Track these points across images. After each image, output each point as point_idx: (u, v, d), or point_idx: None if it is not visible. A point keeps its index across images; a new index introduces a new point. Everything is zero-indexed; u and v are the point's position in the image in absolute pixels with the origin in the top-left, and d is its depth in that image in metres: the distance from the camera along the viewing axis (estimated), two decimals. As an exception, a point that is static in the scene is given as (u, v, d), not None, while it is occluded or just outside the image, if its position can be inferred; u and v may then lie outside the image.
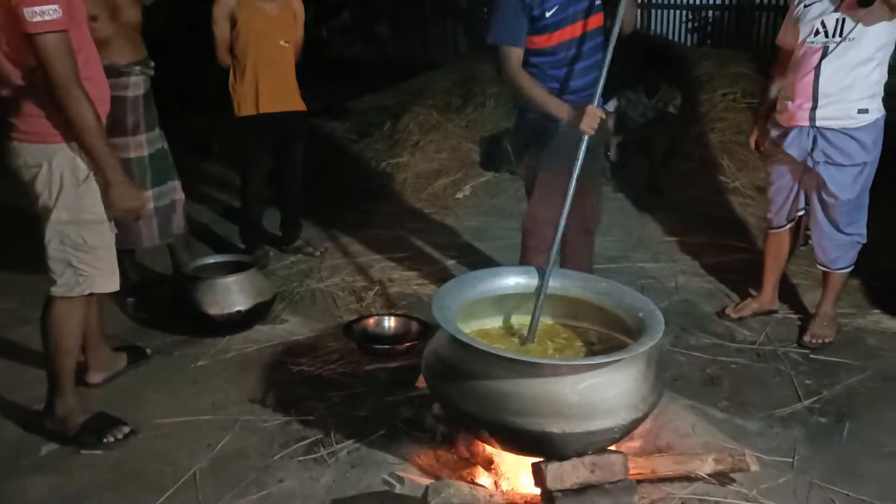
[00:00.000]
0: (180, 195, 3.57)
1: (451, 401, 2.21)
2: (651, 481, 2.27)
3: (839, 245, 3.09)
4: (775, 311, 3.51)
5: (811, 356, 3.15)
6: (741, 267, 4.01)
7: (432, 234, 4.59)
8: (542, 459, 2.14)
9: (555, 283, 2.55)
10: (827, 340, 3.21)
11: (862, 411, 2.76)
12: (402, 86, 7.04)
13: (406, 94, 6.77)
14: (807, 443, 2.57)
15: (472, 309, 2.50)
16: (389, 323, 3.31)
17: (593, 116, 2.59)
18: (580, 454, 2.13)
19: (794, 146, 3.01)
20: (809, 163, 3.00)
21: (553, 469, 2.11)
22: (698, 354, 3.15)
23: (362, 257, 4.22)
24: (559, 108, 2.75)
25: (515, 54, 2.80)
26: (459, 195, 5.30)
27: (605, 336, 2.49)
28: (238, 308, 3.26)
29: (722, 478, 2.23)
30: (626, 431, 2.16)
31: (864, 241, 3.09)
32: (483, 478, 2.37)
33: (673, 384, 2.86)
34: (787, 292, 3.62)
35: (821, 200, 3.05)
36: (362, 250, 4.31)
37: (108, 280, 2.61)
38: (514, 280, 2.58)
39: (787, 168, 3.14)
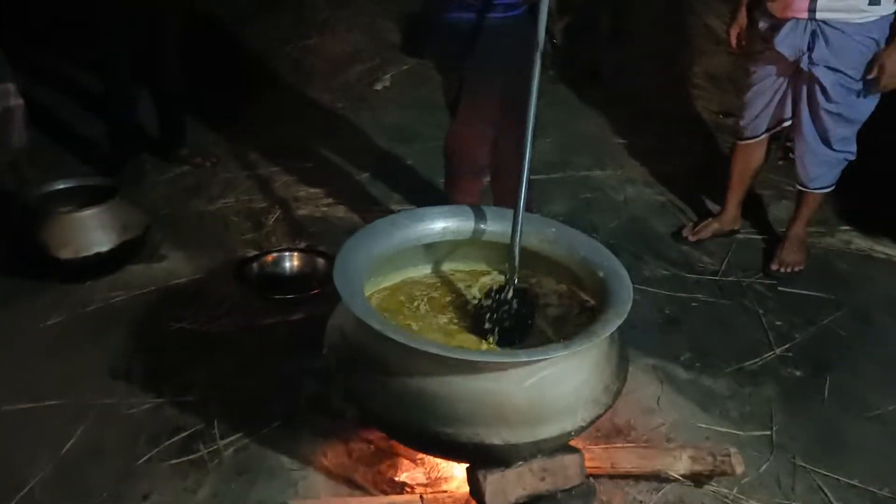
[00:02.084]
0: (17, 100, 2.79)
1: (360, 400, 1.70)
2: (611, 477, 1.86)
3: (824, 161, 2.63)
4: (737, 232, 3.09)
5: (779, 288, 2.77)
6: (696, 174, 3.56)
7: (346, 135, 3.93)
8: (479, 467, 1.70)
9: (491, 227, 2.02)
10: (797, 269, 2.83)
11: (840, 360, 2.41)
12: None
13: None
14: (784, 405, 2.21)
15: (391, 260, 1.96)
16: (291, 261, 2.73)
17: None
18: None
19: (786, 43, 2.47)
20: (803, 64, 2.47)
21: (494, 482, 1.67)
22: (655, 290, 2.72)
23: (262, 168, 3.55)
24: None
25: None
26: (378, 86, 4.58)
27: (557, 290, 2.00)
28: (97, 249, 2.61)
29: (699, 477, 1.83)
30: (585, 430, 1.71)
31: (854, 158, 2.64)
32: (408, 473, 1.92)
33: (630, 332, 2.43)
34: (750, 205, 3.18)
35: (811, 109, 2.55)
36: (262, 159, 3.62)
37: None
38: (441, 224, 2.02)
39: (773, 68, 2.61)
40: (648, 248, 3.00)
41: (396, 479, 1.91)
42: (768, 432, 2.09)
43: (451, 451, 1.66)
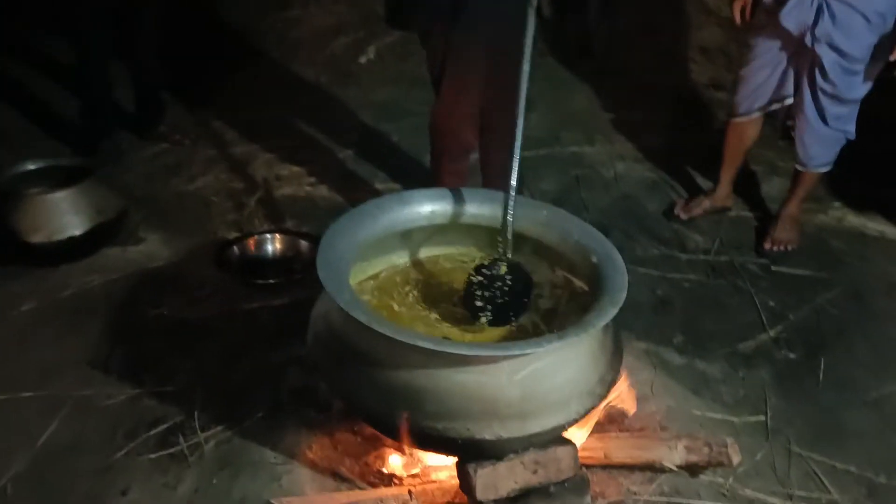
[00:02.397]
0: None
1: (346, 393, 1.64)
2: (604, 467, 1.82)
3: (822, 139, 2.56)
4: (729, 209, 3.04)
5: (772, 268, 2.72)
6: (687, 149, 3.49)
7: (330, 111, 3.82)
8: (469, 461, 1.64)
9: (480, 210, 1.95)
10: (789, 247, 2.78)
11: (834, 341, 2.37)
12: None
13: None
14: (778, 389, 2.16)
15: (377, 246, 1.89)
16: (274, 244, 2.65)
17: None
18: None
19: (792, 17, 2.37)
20: (807, 40, 2.39)
21: (484, 476, 1.62)
22: (646, 271, 2.67)
23: (243, 146, 3.44)
24: None
25: None
26: (362, 59, 4.46)
27: (549, 276, 1.94)
28: (71, 233, 2.51)
29: (695, 467, 1.79)
30: (578, 422, 1.66)
31: (853, 137, 2.58)
32: (395, 463, 1.86)
33: (622, 314, 2.37)
34: (742, 181, 3.11)
35: (811, 86, 2.48)
36: (243, 136, 3.51)
37: None
38: (429, 207, 1.95)
39: (776, 44, 2.52)
40: (640, 227, 2.94)
41: (384, 470, 1.85)
42: (763, 417, 2.05)
43: (441, 446, 1.61)
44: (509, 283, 1.76)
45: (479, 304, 1.74)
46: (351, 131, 3.61)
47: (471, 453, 1.60)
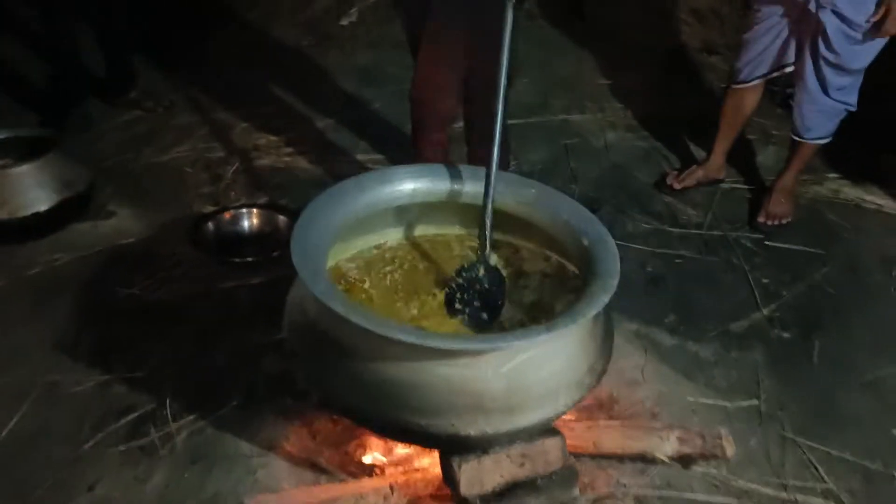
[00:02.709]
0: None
1: (324, 386, 1.55)
2: (593, 457, 1.75)
3: (822, 111, 2.46)
4: (722, 180, 2.95)
5: (766, 242, 2.64)
6: (680, 117, 3.39)
7: (310, 76, 3.68)
8: (453, 454, 1.57)
9: (465, 188, 1.84)
10: (784, 221, 2.70)
11: (829, 320, 2.30)
12: None
13: None
14: (771, 371, 2.10)
15: (357, 227, 1.79)
16: (251, 219, 2.53)
17: None
18: (505, 443, 1.57)
19: (798, -20, 2.26)
20: (811, 6, 2.28)
21: (469, 470, 1.55)
22: (637, 247, 2.58)
23: (219, 113, 3.30)
24: None
25: None
26: (344, 21, 4.29)
27: (538, 254, 1.85)
28: (35, 209, 2.39)
29: (687, 459, 1.72)
30: (565, 413, 1.59)
31: (854, 109, 2.48)
32: (376, 453, 1.79)
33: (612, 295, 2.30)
34: (735, 151, 2.99)
35: (813, 55, 2.37)
36: (220, 103, 3.37)
37: None
38: (411, 185, 1.84)
39: (779, 9, 2.40)
40: (631, 200, 2.85)
41: (365, 460, 1.78)
42: (756, 401, 1.99)
43: (424, 441, 1.54)
44: (486, 287, 1.67)
45: (457, 306, 1.66)
46: (332, 98, 3.48)
47: (455, 448, 1.53)
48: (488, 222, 1.66)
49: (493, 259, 1.74)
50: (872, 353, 2.17)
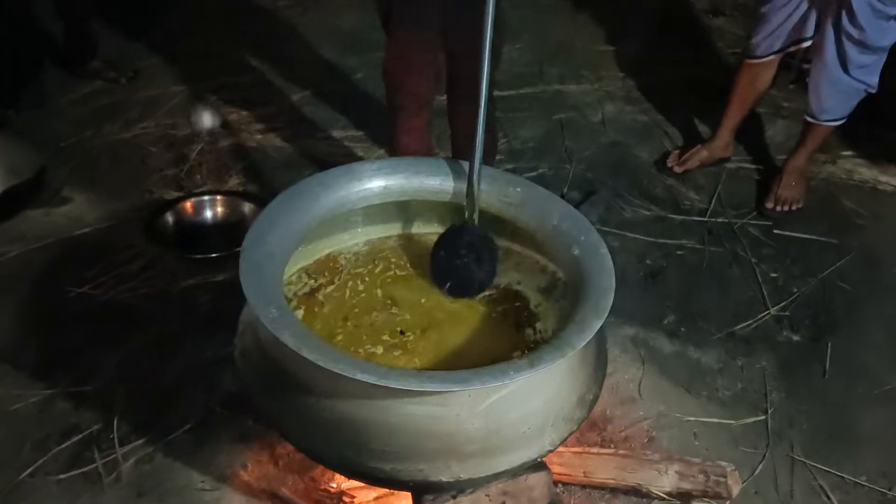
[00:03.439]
0: None
1: (279, 425, 1.37)
2: (582, 487, 1.59)
3: (841, 91, 2.24)
4: (728, 160, 2.74)
5: (775, 231, 2.44)
6: (683, 87, 3.15)
7: (287, 42, 3.42)
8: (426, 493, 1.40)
9: (441, 185, 1.63)
10: (794, 207, 2.50)
11: (843, 321, 2.12)
12: None
13: None
14: (780, 380, 1.93)
15: (321, 231, 1.60)
16: (214, 208, 2.33)
17: None
18: (483, 482, 1.39)
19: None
20: (835, -23, 2.04)
21: (442, 514, 1.38)
22: (636, 237, 2.38)
23: (188, 84, 3.05)
24: None
25: None
26: (325, -21, 4.01)
27: (524, 259, 1.66)
28: (-23, 200, 2.19)
29: (687, 495, 1.55)
30: (552, 451, 1.41)
31: (875, 90, 2.25)
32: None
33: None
34: (742, 124, 2.74)
35: (835, 29, 2.13)
36: (187, 72, 3.11)
37: None
38: (381, 182, 1.63)
39: (801, -21, 2.16)
40: (629, 182, 2.64)
41: (332, 486, 1.62)
42: (763, 417, 1.82)
43: (391, 485, 1.36)
44: (473, 258, 1.53)
45: (442, 273, 1.54)
46: (310, 66, 3.23)
47: (427, 491, 1.36)
48: (476, 185, 1.50)
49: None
50: (890, 357, 2.00)
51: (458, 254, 1.52)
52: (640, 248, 2.35)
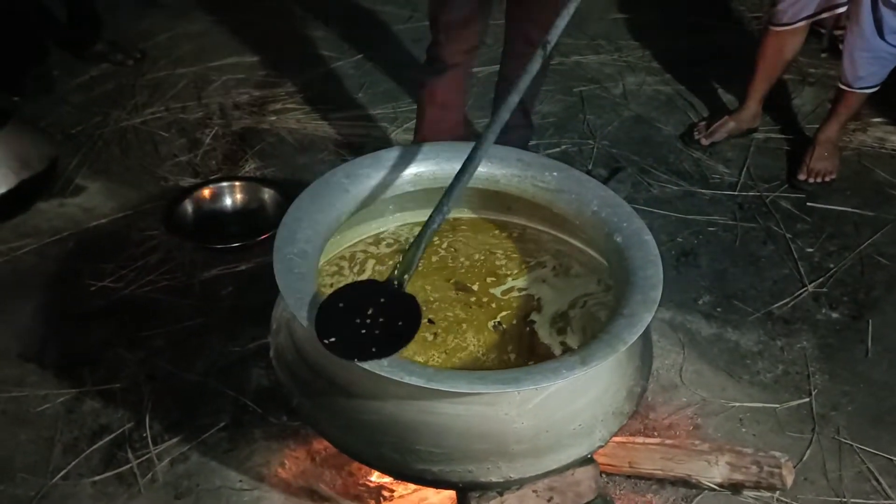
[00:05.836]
0: None
1: (318, 426, 1.33)
2: (628, 477, 1.55)
3: (876, 58, 2.16)
4: (755, 130, 2.66)
5: (808, 203, 2.38)
6: (707, 57, 3.06)
7: (303, 13, 3.29)
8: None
9: (479, 169, 1.58)
10: (828, 178, 2.43)
11: (883, 297, 2.07)
12: None
13: None
14: (822, 360, 1.88)
15: (352, 225, 1.55)
16: (233, 194, 2.27)
17: None
18: (531, 478, 1.35)
19: None
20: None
21: (490, 512, 1.34)
22: (665, 213, 2.32)
23: (196, 64, 2.96)
24: None
25: None
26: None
27: (563, 250, 1.61)
28: (-9, 193, 2.13)
29: (739, 486, 1.51)
30: (602, 447, 1.37)
31: (913, 56, 2.17)
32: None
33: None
34: (769, 93, 2.68)
35: (875, -8, 2.05)
36: (196, 51, 3.02)
37: None
38: (413, 170, 1.57)
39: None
40: (655, 157, 2.57)
41: (371, 482, 1.58)
42: (807, 399, 1.77)
43: (438, 486, 1.33)
44: (384, 316, 1.19)
45: (331, 324, 1.17)
46: (331, 36, 3.11)
47: (475, 489, 1.32)
48: (428, 232, 1.28)
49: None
50: (934, 335, 1.95)
51: (363, 312, 1.18)
52: (670, 225, 2.29)
